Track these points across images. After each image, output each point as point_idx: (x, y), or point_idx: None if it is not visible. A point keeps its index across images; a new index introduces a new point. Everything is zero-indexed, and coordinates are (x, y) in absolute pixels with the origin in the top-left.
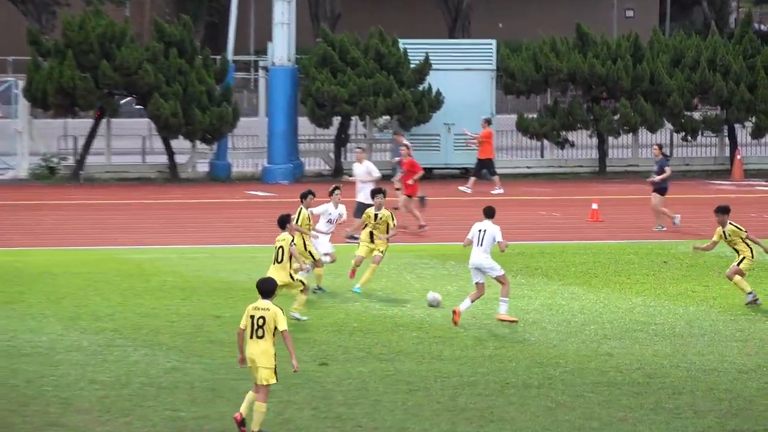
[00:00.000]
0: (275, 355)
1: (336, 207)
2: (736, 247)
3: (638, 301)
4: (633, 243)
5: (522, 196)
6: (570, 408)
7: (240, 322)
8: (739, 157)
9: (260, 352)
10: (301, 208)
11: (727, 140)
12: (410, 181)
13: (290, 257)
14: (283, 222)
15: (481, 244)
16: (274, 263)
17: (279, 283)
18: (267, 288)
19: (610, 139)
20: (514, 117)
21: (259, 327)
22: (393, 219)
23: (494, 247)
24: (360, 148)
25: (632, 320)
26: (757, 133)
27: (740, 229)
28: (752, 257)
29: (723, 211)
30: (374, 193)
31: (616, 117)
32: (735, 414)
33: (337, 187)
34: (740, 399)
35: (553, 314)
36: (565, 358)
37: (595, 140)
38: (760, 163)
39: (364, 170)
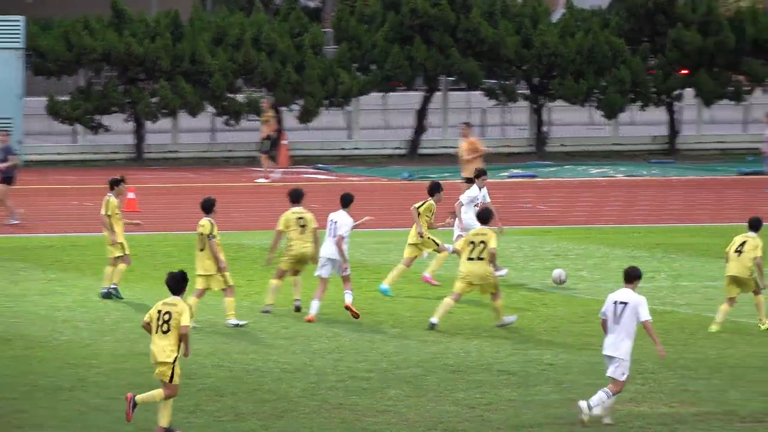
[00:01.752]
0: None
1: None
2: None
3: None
4: (172, 234)
5: (53, 185)
6: (104, 411)
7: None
8: (285, 142)
9: (161, 349)
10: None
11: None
12: None
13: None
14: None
15: (333, 236)
16: None
17: None
18: (175, 284)
19: (149, 124)
20: (45, 100)
21: (165, 322)
22: None
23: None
24: None
25: None
26: (304, 117)
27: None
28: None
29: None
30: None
31: (155, 100)
32: (279, 416)
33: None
34: (284, 400)
35: (86, 311)
36: (99, 358)
37: (132, 125)
38: (306, 149)
39: None
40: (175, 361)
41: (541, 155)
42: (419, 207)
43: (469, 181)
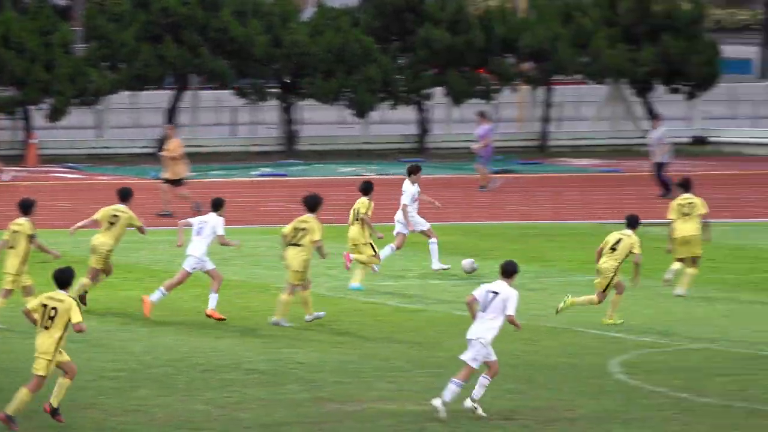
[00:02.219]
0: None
1: None
2: None
3: None
4: None
5: None
6: None
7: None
8: (34, 141)
9: (41, 342)
10: None
11: (22, 123)
12: None
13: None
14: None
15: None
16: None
17: None
18: (63, 279)
19: None
20: None
21: (50, 318)
22: None
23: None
24: None
25: None
26: (54, 116)
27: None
28: None
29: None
30: None
31: None
32: (28, 416)
33: None
34: (34, 401)
35: None
36: None
37: None
38: (56, 148)
39: None
40: (53, 357)
41: (292, 154)
42: (366, 211)
43: (171, 182)
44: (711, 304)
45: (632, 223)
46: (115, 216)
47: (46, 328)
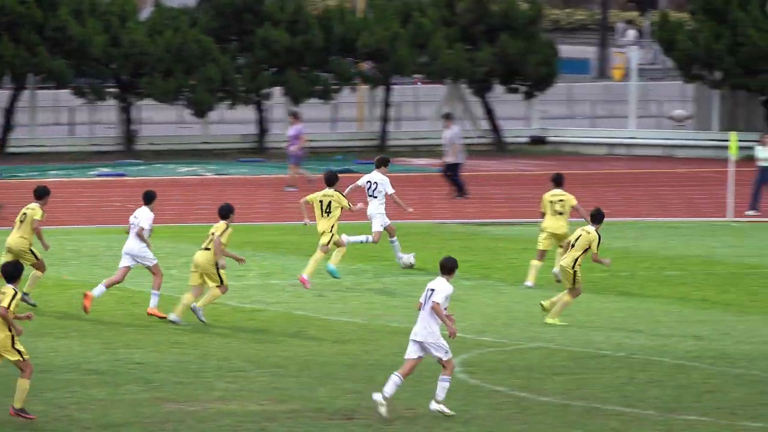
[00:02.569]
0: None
1: None
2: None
3: None
4: None
5: None
6: None
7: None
8: None
9: None
10: None
11: None
12: None
13: None
14: None
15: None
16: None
17: None
18: (12, 272)
19: None
20: None
21: None
22: None
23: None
24: None
25: None
26: None
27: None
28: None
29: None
30: None
31: None
32: None
33: None
34: None
35: None
36: None
37: None
38: None
39: None
40: (13, 343)
41: (131, 154)
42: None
43: None
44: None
45: (597, 218)
46: (24, 214)
47: None
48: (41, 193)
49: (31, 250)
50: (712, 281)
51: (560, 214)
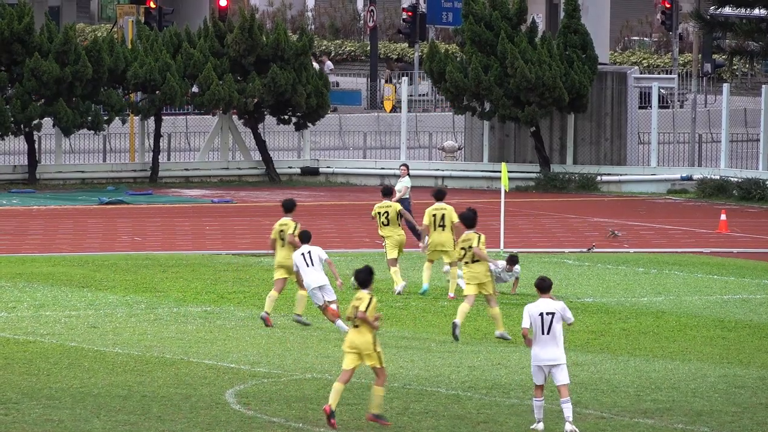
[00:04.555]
0: None
1: None
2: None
3: None
4: None
5: None
6: None
7: None
8: None
9: None
10: None
11: None
12: None
13: None
14: None
15: None
16: None
17: None
18: (361, 278)
19: None
20: None
21: None
22: None
23: None
24: None
25: None
26: None
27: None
28: None
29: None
30: None
31: None
32: None
33: None
34: None
35: None
36: None
37: None
38: None
39: None
40: (374, 347)
41: None
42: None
43: None
44: (325, 334)
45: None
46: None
47: None
48: (290, 207)
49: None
50: (484, 312)
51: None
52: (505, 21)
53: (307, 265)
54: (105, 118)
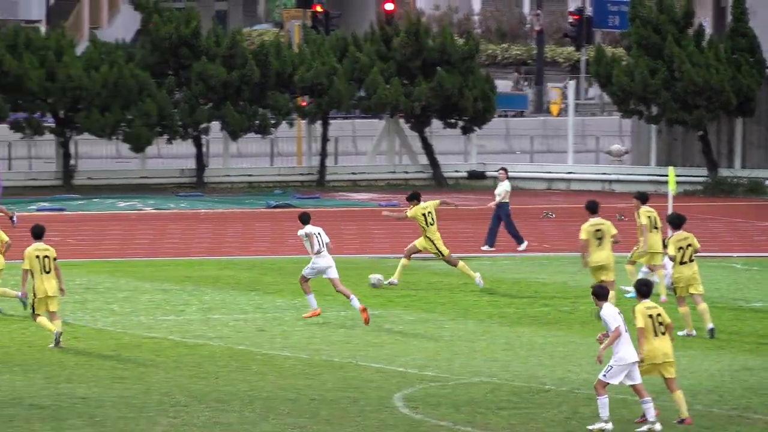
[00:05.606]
0: None
1: None
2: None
3: None
4: None
5: None
6: None
7: None
8: None
9: None
10: None
11: None
12: None
13: None
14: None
15: None
16: None
17: None
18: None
19: None
20: None
21: None
22: None
23: None
24: None
25: None
26: None
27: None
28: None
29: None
30: None
31: None
32: None
33: None
34: None
35: None
36: None
37: None
38: None
39: None
40: None
41: (69, 188)
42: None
43: None
44: (493, 338)
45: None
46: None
47: None
48: (595, 208)
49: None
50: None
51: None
52: (672, 24)
53: None
54: (272, 121)
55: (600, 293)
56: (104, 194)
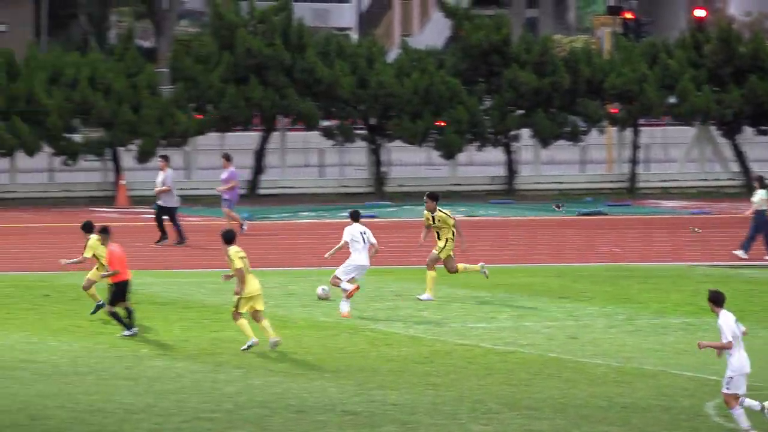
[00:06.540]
0: None
1: None
2: (440, 232)
3: (18, 337)
4: (12, 275)
5: None
6: None
7: None
8: (123, 182)
9: None
10: None
11: (111, 164)
12: None
13: None
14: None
15: None
16: None
17: None
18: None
19: None
20: None
21: None
22: None
23: None
24: None
25: (13, 358)
26: (142, 157)
27: (449, 216)
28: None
29: (433, 197)
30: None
31: None
32: None
33: None
34: None
35: None
36: None
37: None
38: (144, 189)
39: None
40: None
41: (381, 195)
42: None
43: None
44: None
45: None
46: None
47: None
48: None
49: None
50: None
51: None
52: None
53: None
54: (582, 128)
55: (717, 299)
56: (415, 201)
